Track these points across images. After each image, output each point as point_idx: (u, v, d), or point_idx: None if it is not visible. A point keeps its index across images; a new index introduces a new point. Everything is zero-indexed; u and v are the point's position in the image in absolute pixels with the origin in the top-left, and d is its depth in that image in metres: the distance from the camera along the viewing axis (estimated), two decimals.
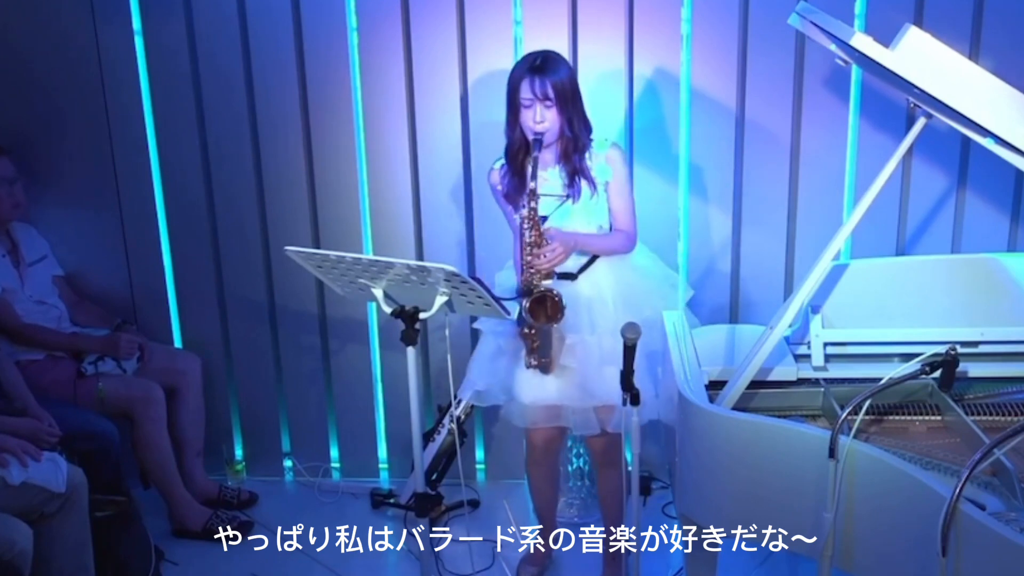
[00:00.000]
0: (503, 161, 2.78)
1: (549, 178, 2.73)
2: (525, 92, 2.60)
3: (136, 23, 3.34)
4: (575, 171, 2.68)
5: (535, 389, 2.77)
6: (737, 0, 3.15)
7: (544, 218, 2.68)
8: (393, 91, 3.33)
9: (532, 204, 2.61)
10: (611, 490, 2.95)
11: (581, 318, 2.73)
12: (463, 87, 3.31)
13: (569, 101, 2.62)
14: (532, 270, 2.64)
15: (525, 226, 2.63)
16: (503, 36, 3.23)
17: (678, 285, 2.90)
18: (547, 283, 2.66)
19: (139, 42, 3.36)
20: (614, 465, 2.90)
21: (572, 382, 2.75)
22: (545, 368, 2.72)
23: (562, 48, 3.18)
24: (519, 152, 2.68)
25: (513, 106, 2.65)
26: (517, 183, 2.71)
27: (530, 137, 2.62)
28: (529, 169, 2.60)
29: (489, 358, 2.88)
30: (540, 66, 2.61)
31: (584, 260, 2.77)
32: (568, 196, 2.71)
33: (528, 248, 2.64)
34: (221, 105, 3.39)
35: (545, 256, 2.61)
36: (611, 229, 2.81)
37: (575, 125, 2.65)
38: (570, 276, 2.75)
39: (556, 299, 2.63)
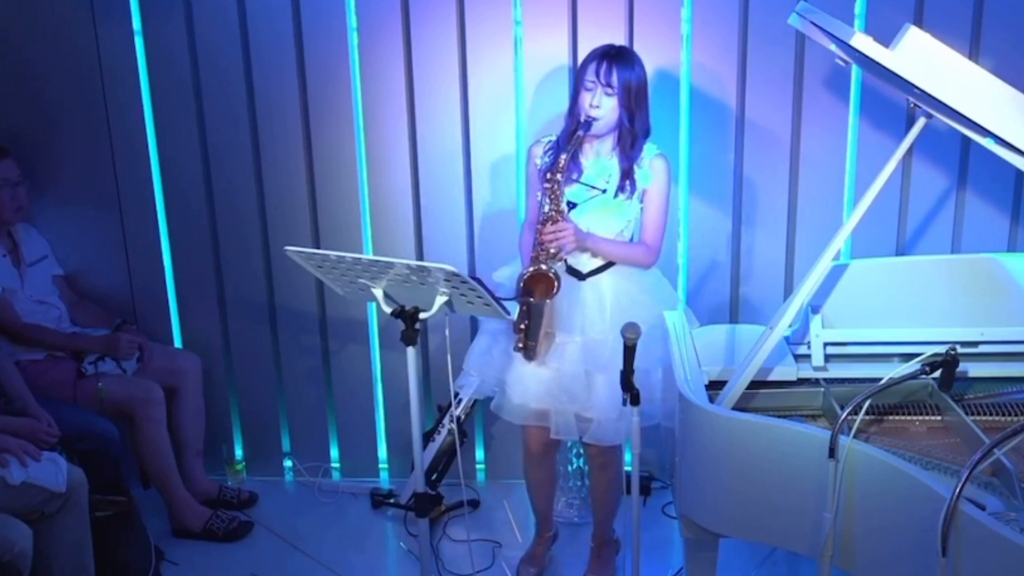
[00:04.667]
0: (552, 137, 2.80)
1: (590, 168, 2.73)
2: (590, 74, 2.64)
3: (136, 23, 3.34)
4: (628, 170, 2.70)
5: (524, 389, 2.76)
6: (737, 0, 3.15)
7: (573, 204, 2.70)
8: (393, 91, 3.32)
9: (558, 177, 2.63)
10: (601, 492, 2.96)
11: (575, 320, 2.72)
12: (463, 87, 3.30)
13: (632, 98, 2.65)
14: (540, 247, 2.64)
15: (546, 199, 2.64)
16: (503, 36, 3.23)
17: (677, 305, 2.87)
18: (553, 264, 2.66)
19: (139, 42, 3.36)
20: (606, 469, 2.91)
21: (557, 384, 2.74)
22: (529, 354, 2.70)
23: (562, 48, 3.19)
24: (572, 132, 2.68)
25: (577, 86, 2.69)
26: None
27: (581, 118, 2.64)
28: (571, 148, 2.62)
29: (484, 350, 2.89)
30: (613, 54, 2.65)
31: (597, 264, 2.76)
32: (603, 191, 2.71)
33: (542, 221, 2.65)
34: (221, 105, 3.39)
35: (552, 231, 2.62)
36: (632, 238, 2.80)
37: (635, 123, 2.67)
38: (577, 274, 2.75)
39: (552, 277, 2.64)
